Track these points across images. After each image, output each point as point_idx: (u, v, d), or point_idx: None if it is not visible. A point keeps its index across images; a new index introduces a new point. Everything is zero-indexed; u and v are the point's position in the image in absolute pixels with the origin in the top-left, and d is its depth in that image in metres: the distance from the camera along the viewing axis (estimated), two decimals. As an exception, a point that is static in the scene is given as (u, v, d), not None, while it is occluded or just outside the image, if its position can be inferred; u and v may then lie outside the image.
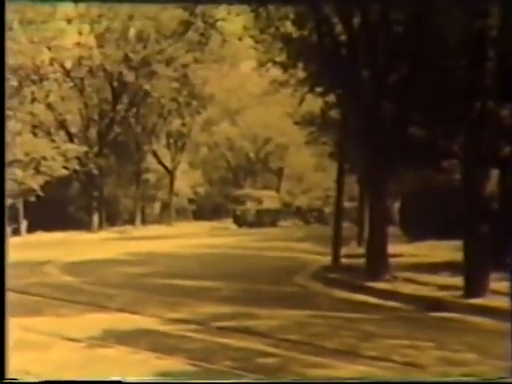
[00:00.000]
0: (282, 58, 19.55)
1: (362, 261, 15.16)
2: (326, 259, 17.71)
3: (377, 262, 14.38)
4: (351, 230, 22.90)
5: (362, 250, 16.84)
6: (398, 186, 22.68)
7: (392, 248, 15.38)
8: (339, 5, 14.67)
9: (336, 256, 17.60)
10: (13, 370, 7.33)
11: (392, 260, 14.97)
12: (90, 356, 8.02)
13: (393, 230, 18.65)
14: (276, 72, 22.64)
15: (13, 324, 9.95)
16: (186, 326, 9.76)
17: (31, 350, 8.27)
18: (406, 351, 8.14)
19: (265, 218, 46.23)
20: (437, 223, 20.37)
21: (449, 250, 16.20)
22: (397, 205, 26.56)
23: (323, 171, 47.22)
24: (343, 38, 15.15)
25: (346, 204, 22.03)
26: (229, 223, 45.07)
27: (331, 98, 19.46)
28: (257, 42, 20.26)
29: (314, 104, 22.61)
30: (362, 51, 14.68)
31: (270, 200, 48.54)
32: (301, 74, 20.10)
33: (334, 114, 20.79)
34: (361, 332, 9.34)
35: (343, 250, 18.17)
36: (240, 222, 45.19)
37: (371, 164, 14.79)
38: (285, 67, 20.13)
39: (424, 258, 17.04)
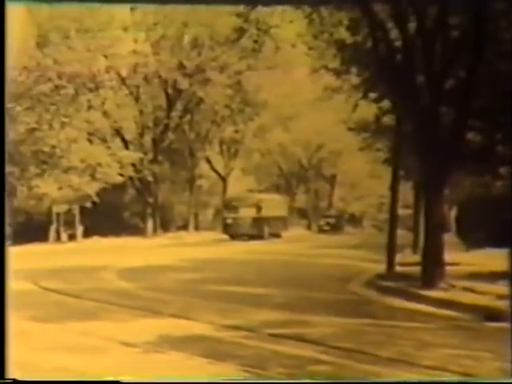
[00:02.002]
0: (335, 64, 19.47)
1: (417, 269, 14.93)
2: (380, 267, 17.51)
3: (433, 270, 14.14)
4: (406, 238, 22.62)
5: (417, 258, 16.60)
6: (455, 193, 22.34)
7: (448, 256, 15.11)
8: (395, 10, 14.51)
9: (390, 264, 17.39)
10: (70, 372, 7.41)
11: (448, 268, 14.70)
12: (145, 361, 8.06)
13: (449, 238, 18.37)
14: (329, 78, 22.58)
15: (70, 328, 10.11)
16: (239, 332, 9.74)
17: (88, 354, 8.36)
18: (463, 361, 7.97)
19: (265, 228, 38.61)
20: (494, 231, 19.97)
21: (507, 258, 15.82)
22: (453, 212, 26.15)
23: (377, 178, 46.63)
24: (398, 43, 14.98)
25: (401, 211, 21.77)
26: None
27: (385, 103, 19.29)
28: (310, 48, 20.24)
29: (367, 110, 22.45)
30: (418, 56, 14.49)
31: (274, 205, 40.65)
32: (354, 80, 19.99)
33: (388, 120, 20.60)
34: (416, 341, 9.18)
35: (398, 258, 17.95)
36: (232, 232, 38.25)
37: (427, 170, 14.57)
38: (338, 73, 20.05)
39: (482, 266, 16.71)
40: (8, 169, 38.77)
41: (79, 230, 38.75)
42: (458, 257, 18.27)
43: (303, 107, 46.60)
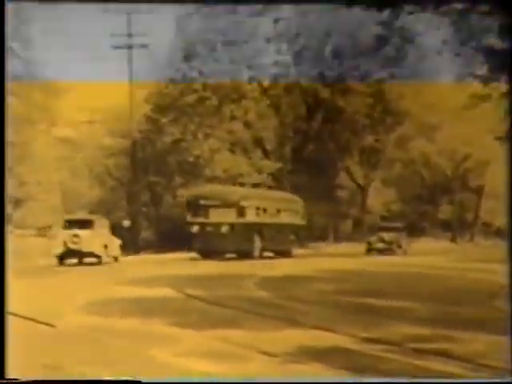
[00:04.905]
0: (483, 71, 18.82)
1: None
2: (531, 283, 16.63)
3: None
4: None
5: None
6: None
7: None
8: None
9: (542, 280, 16.47)
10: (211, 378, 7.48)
11: None
12: (285, 371, 8.02)
13: None
14: (476, 86, 21.82)
15: (211, 335, 10.24)
16: (380, 345, 9.50)
17: (229, 361, 8.42)
18: None
19: (254, 241, 26.39)
20: None
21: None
22: None
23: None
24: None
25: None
26: (423, 241, 43.45)
27: (537, 111, 18.41)
28: (456, 55, 19.67)
29: (517, 118, 21.48)
30: None
31: (276, 207, 28.22)
32: (503, 87, 19.22)
33: (540, 128, 19.66)
34: None
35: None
36: (199, 247, 26.75)
37: None
38: (486, 81, 19.35)
39: None
40: (155, 179, 40.24)
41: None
42: None
43: (448, 116, 45.34)
